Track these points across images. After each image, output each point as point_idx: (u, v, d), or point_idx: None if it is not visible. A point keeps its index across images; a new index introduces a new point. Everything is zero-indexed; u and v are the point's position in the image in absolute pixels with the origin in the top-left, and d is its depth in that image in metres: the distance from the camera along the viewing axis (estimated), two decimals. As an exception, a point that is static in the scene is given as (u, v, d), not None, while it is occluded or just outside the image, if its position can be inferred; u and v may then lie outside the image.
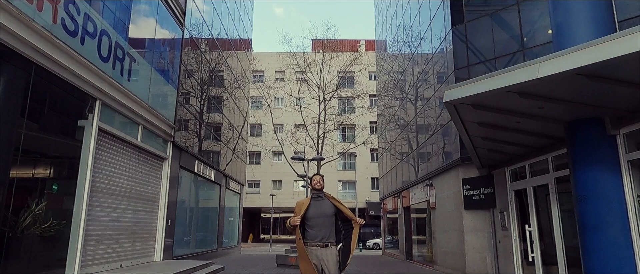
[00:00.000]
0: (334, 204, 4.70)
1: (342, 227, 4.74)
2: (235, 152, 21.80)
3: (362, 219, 4.76)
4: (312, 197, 4.75)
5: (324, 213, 4.61)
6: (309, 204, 4.69)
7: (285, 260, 13.27)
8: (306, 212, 4.62)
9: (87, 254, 8.37)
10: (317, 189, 4.74)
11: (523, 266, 8.83)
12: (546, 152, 7.66)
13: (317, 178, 4.77)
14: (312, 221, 4.61)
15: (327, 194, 4.82)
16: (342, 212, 4.72)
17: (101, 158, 8.93)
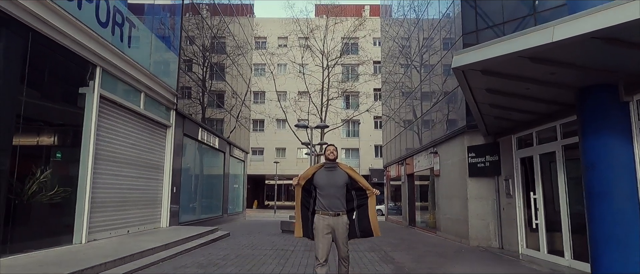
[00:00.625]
0: (347, 174, 4.76)
1: (356, 196, 4.82)
2: (239, 120, 21.74)
3: (377, 190, 4.84)
4: (325, 167, 4.79)
5: (335, 184, 4.66)
6: (317, 172, 4.77)
7: (289, 226, 13.43)
8: (318, 181, 4.71)
9: (94, 221, 8.46)
10: (331, 159, 4.77)
11: (526, 233, 8.87)
12: (555, 119, 7.52)
13: (330, 149, 4.80)
14: (324, 191, 4.67)
15: (342, 164, 4.86)
16: (357, 182, 4.78)
17: (104, 126, 8.88)
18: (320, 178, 4.71)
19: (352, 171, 4.82)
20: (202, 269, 6.49)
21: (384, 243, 10.72)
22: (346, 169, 4.81)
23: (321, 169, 4.78)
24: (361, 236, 4.82)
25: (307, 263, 7.28)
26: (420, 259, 7.87)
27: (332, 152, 4.78)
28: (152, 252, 7.53)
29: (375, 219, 4.80)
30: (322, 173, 4.73)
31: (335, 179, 4.68)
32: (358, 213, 4.84)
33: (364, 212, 4.82)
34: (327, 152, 4.81)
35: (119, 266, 6.22)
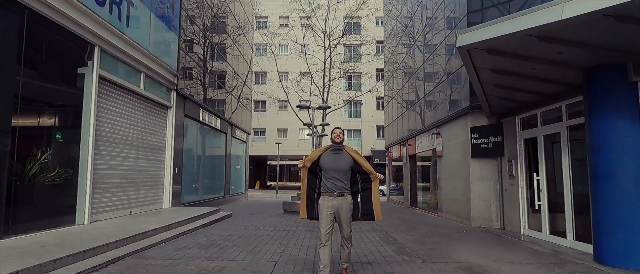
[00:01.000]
0: (352, 158, 4.81)
1: (360, 180, 4.92)
2: (240, 100, 21.61)
3: (381, 175, 4.92)
4: (331, 149, 4.85)
5: (340, 167, 4.73)
6: (323, 154, 4.84)
7: (292, 207, 13.48)
8: (323, 163, 4.78)
9: (96, 202, 8.48)
10: (337, 142, 4.81)
11: (528, 214, 8.86)
12: (560, 99, 7.40)
13: (337, 131, 4.85)
14: (329, 173, 4.74)
15: (348, 147, 4.90)
16: (362, 166, 4.85)
17: (104, 107, 8.80)
18: (326, 160, 4.77)
19: (357, 154, 4.88)
20: (204, 250, 6.51)
21: (385, 223, 10.74)
22: (351, 152, 4.86)
23: (327, 151, 4.85)
24: (363, 218, 4.93)
25: (309, 243, 7.30)
26: (422, 240, 7.88)
27: (338, 135, 4.82)
28: (154, 233, 7.55)
29: (378, 203, 4.90)
30: (328, 155, 4.80)
31: (341, 162, 4.74)
32: (362, 196, 4.95)
33: (367, 195, 4.93)
34: (333, 135, 4.85)
35: (120, 247, 6.24)
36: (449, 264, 5.69)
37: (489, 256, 6.40)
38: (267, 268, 5.32)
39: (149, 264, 5.47)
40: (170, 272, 5.04)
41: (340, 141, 4.82)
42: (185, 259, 5.79)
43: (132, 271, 5.07)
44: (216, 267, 5.34)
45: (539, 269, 5.46)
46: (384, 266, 5.55)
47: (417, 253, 6.50)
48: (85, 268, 4.93)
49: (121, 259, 5.67)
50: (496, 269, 5.41)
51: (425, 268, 5.47)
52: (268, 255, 6.21)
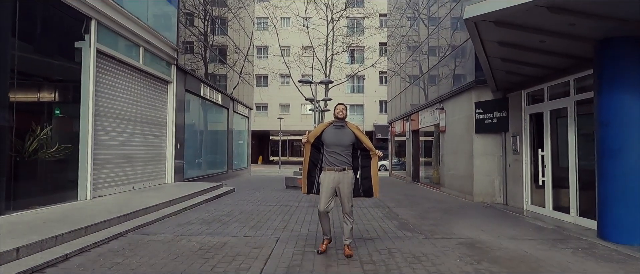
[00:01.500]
0: (354, 134, 4.86)
1: (360, 156, 4.98)
2: (242, 75, 21.38)
3: (381, 152, 4.98)
4: (333, 125, 4.89)
5: (342, 142, 4.79)
6: (326, 129, 4.89)
7: (294, 182, 13.50)
8: (326, 138, 4.84)
9: (98, 177, 8.46)
10: (340, 118, 4.86)
11: (532, 189, 8.80)
12: (569, 74, 7.22)
13: (340, 107, 4.88)
14: (331, 149, 4.81)
15: (350, 123, 4.95)
16: (363, 142, 4.89)
17: (103, 81, 8.68)
18: (328, 136, 4.83)
19: (359, 131, 4.92)
20: (206, 226, 6.51)
21: (387, 199, 10.74)
22: (353, 128, 4.90)
23: (330, 126, 4.90)
24: (363, 195, 5.02)
25: (312, 219, 7.29)
26: (424, 215, 7.86)
27: (341, 110, 4.86)
28: (156, 208, 7.56)
29: (376, 181, 4.97)
30: (331, 131, 4.85)
31: (343, 138, 4.80)
32: (361, 173, 5.01)
33: (366, 172, 4.99)
34: (336, 111, 4.88)
35: (123, 222, 6.24)
36: (452, 240, 5.67)
37: (491, 231, 6.37)
38: (269, 244, 5.31)
39: (151, 240, 5.47)
40: (172, 248, 5.04)
41: (343, 117, 4.86)
42: (187, 235, 5.79)
43: (134, 246, 5.07)
44: (218, 243, 5.33)
45: (542, 245, 5.43)
46: (386, 241, 5.54)
47: (419, 229, 6.48)
48: (87, 244, 4.92)
49: (123, 235, 5.68)
50: (498, 245, 5.39)
51: (428, 243, 5.45)
52: (270, 231, 6.20)
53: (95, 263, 4.35)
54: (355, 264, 4.44)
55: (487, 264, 4.48)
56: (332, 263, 4.49)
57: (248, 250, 4.98)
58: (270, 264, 4.38)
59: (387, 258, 4.70)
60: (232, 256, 4.71)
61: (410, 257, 4.73)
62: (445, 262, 4.53)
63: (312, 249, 5.05)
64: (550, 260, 4.68)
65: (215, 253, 4.81)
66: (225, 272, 4.10)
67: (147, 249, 4.97)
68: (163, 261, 4.46)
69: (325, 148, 4.85)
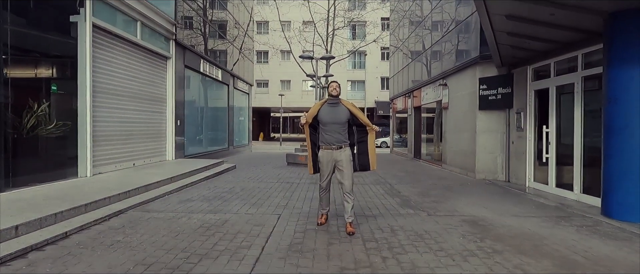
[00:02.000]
0: (349, 111, 4.89)
1: (356, 132, 5.03)
2: (242, 51, 21.08)
3: (377, 127, 5.03)
4: (328, 103, 4.91)
5: (338, 120, 4.83)
6: (321, 108, 4.91)
7: (295, 159, 13.46)
8: (321, 116, 4.87)
9: (98, 154, 8.41)
10: (333, 95, 4.88)
11: (535, 167, 8.73)
12: (576, 48, 7.04)
13: (333, 85, 4.91)
14: (328, 127, 4.85)
15: (344, 101, 4.98)
16: (358, 118, 4.93)
17: (100, 57, 8.51)
18: (323, 114, 4.87)
19: (354, 107, 4.95)
20: (207, 203, 6.47)
21: (388, 175, 10.71)
22: (348, 105, 4.93)
23: (324, 105, 4.93)
24: (360, 169, 5.06)
25: (313, 196, 7.26)
26: (426, 192, 7.83)
27: (335, 88, 4.89)
28: (158, 185, 7.52)
29: (373, 154, 5.04)
30: (326, 109, 4.89)
31: (338, 115, 4.84)
32: (358, 148, 5.07)
33: (363, 147, 5.05)
34: (330, 89, 4.91)
35: (123, 200, 6.20)
36: (454, 217, 5.63)
37: (494, 209, 6.33)
38: (270, 221, 5.28)
39: (151, 217, 5.44)
40: (173, 225, 5.00)
41: (337, 94, 4.89)
42: (188, 212, 5.75)
43: (135, 224, 5.04)
44: (219, 220, 5.30)
45: (546, 223, 5.39)
46: (388, 219, 5.50)
47: (421, 206, 6.44)
48: (87, 221, 4.88)
49: (124, 212, 5.64)
50: (501, 222, 5.35)
51: (430, 221, 5.41)
52: (271, 208, 6.17)
53: (96, 240, 4.31)
54: (357, 242, 4.40)
55: (490, 241, 4.44)
56: (334, 240, 4.45)
57: (249, 228, 4.94)
58: (272, 242, 4.35)
59: (390, 235, 4.66)
60: (234, 233, 4.68)
61: (412, 235, 4.70)
62: (448, 240, 4.49)
63: (313, 227, 5.01)
64: (553, 237, 4.63)
65: (217, 231, 4.78)
66: (226, 249, 4.07)
67: (148, 226, 4.94)
68: (164, 238, 4.43)
69: (321, 126, 4.89)
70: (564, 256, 3.98)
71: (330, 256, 3.89)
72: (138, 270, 3.45)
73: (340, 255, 3.92)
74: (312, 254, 3.96)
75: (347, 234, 4.67)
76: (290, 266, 3.62)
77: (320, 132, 4.91)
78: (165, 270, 3.46)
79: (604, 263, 3.79)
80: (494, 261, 3.78)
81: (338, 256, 3.88)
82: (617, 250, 4.19)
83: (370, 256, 3.89)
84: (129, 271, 3.44)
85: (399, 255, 3.94)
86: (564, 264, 3.72)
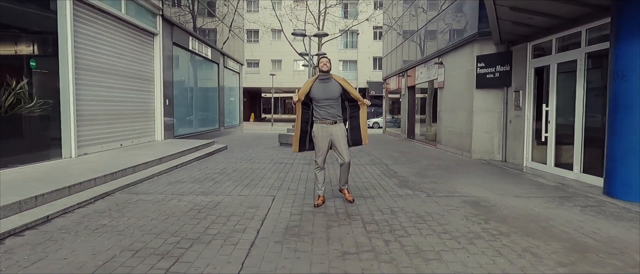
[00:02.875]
0: (341, 86, 4.90)
1: (348, 107, 5.05)
2: (232, 29, 20.51)
3: (368, 101, 4.99)
4: (319, 79, 4.91)
5: (331, 95, 4.85)
6: (313, 85, 4.90)
7: (288, 139, 13.19)
8: (314, 93, 4.87)
9: (82, 134, 8.06)
10: (324, 71, 4.87)
11: (533, 146, 8.59)
12: (581, 23, 6.80)
13: (323, 60, 4.89)
14: (321, 103, 4.87)
15: (335, 76, 4.98)
16: (350, 93, 4.95)
17: (83, 32, 8.08)
18: (316, 90, 4.87)
19: (345, 82, 4.96)
20: (198, 184, 6.22)
21: (384, 156, 10.52)
22: (339, 80, 4.94)
23: (316, 81, 4.92)
24: (352, 144, 5.08)
25: (307, 176, 7.04)
26: (423, 173, 7.65)
27: (325, 63, 4.87)
28: (146, 166, 7.24)
29: (365, 129, 5.09)
30: (318, 85, 4.88)
31: (331, 90, 4.85)
32: (350, 123, 5.10)
33: (355, 122, 5.08)
34: (320, 64, 4.89)
35: (109, 181, 5.92)
36: (455, 198, 5.46)
37: (494, 189, 6.18)
38: (265, 203, 5.05)
39: (139, 199, 5.18)
40: (163, 208, 4.75)
41: (328, 70, 4.87)
42: (178, 194, 5.50)
43: (121, 207, 4.78)
44: (211, 202, 5.06)
45: (549, 203, 5.24)
46: (387, 200, 5.31)
47: (420, 187, 6.26)
48: (70, 205, 4.61)
49: (110, 195, 5.37)
50: (504, 203, 5.19)
51: (430, 202, 5.23)
52: (265, 189, 5.94)
53: (79, 225, 4.05)
54: (357, 224, 4.20)
55: (495, 223, 4.27)
56: (333, 222, 4.25)
57: (243, 210, 4.71)
58: (268, 225, 4.13)
59: (390, 217, 4.47)
60: (227, 216, 4.45)
61: (414, 216, 4.51)
62: (451, 221, 4.31)
63: (310, 209, 4.80)
64: (559, 218, 4.48)
65: (208, 213, 4.54)
66: (219, 233, 3.84)
67: (136, 209, 4.68)
68: (153, 222, 4.18)
69: (315, 103, 4.89)
70: (573, 238, 3.82)
71: (330, 240, 3.68)
72: (125, 256, 3.21)
73: (340, 239, 3.72)
74: (310, 237, 3.75)
75: (349, 202, 5.00)
76: (288, 250, 3.41)
77: (315, 109, 4.92)
78: (154, 256, 3.23)
79: (616, 245, 3.64)
80: (501, 244, 3.61)
81: (338, 240, 3.68)
82: (626, 231, 4.05)
83: (372, 240, 3.70)
84: (115, 257, 3.19)
85: (401, 238, 3.75)
86: (574, 247, 3.56)
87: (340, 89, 4.86)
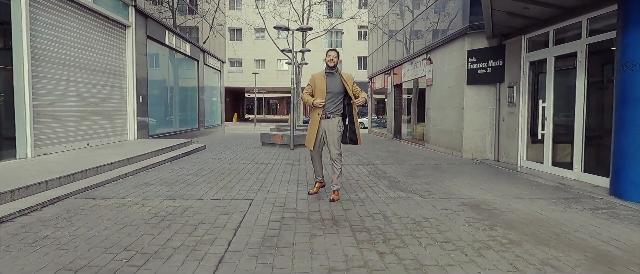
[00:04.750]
0: (343, 83, 4.83)
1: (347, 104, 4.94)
2: (214, 26, 19.76)
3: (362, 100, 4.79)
4: (325, 73, 4.89)
5: (331, 90, 4.83)
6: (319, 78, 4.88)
7: (270, 139, 12.59)
8: (317, 86, 4.84)
9: (42, 132, 7.32)
10: (330, 66, 4.84)
11: (528, 145, 8.18)
12: (581, 13, 6.39)
13: (330, 55, 4.84)
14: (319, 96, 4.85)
15: (342, 72, 4.90)
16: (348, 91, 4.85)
17: (42, 20, 7.34)
18: (319, 83, 4.86)
19: (349, 79, 4.88)
20: (167, 187, 5.58)
21: (371, 155, 10.01)
22: (344, 76, 4.87)
23: (321, 75, 4.91)
24: (349, 142, 5.00)
25: (290, 178, 6.47)
26: (413, 173, 7.15)
27: (331, 58, 4.82)
28: (111, 167, 6.55)
29: (357, 129, 4.95)
30: (323, 79, 4.87)
31: (332, 86, 4.83)
32: (349, 120, 4.98)
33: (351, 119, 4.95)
34: (327, 59, 4.86)
35: (65, 184, 5.23)
36: (452, 201, 4.94)
37: (492, 190, 5.70)
38: (240, 208, 4.45)
39: (96, 205, 4.52)
40: (121, 215, 4.11)
41: (333, 65, 4.83)
42: (142, 198, 4.85)
43: (73, 214, 4.12)
44: (178, 208, 4.43)
45: (554, 205, 4.77)
46: (378, 204, 4.76)
47: (412, 188, 5.74)
48: (10, 212, 3.93)
49: (63, 200, 4.70)
50: (506, 206, 4.70)
51: (426, 205, 4.71)
52: (242, 192, 5.34)
53: (14, 237, 3.39)
54: (345, 232, 3.64)
55: (502, 229, 3.76)
56: (317, 230, 3.67)
57: (214, 216, 4.11)
58: (241, 235, 3.53)
59: (383, 224, 3.92)
60: (194, 224, 3.83)
61: (410, 222, 3.97)
62: (452, 228, 3.79)
63: (292, 214, 4.22)
64: (571, 223, 4.00)
65: (173, 221, 3.92)
66: (183, 246, 3.23)
67: (89, 216, 4.03)
68: (105, 232, 3.54)
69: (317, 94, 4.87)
70: (593, 246, 3.33)
71: (314, 252, 3.11)
72: (59, 279, 2.58)
73: (326, 251, 3.15)
74: (290, 250, 3.17)
75: (329, 201, 4.78)
76: (263, 267, 2.83)
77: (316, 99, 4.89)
78: (96, 278, 2.61)
79: (643, 254, 3.16)
80: (514, 255, 3.09)
81: (324, 253, 3.11)
82: (648, 237, 3.59)
83: (364, 252, 3.14)
84: (46, 280, 2.56)
85: (398, 249, 3.20)
86: (597, 258, 3.07)
87: (342, 86, 4.83)
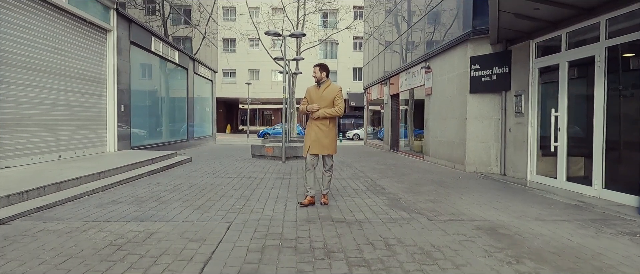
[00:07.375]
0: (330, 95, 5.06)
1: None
2: (206, 36, 19.16)
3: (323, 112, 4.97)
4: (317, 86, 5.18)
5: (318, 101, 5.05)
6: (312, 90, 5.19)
7: (261, 151, 11.90)
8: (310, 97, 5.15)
9: (6, 144, 6.61)
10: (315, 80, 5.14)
11: (537, 157, 7.55)
12: (599, 13, 5.82)
13: (314, 69, 5.11)
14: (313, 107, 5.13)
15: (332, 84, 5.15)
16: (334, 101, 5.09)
17: (8, 21, 6.68)
18: (311, 95, 5.15)
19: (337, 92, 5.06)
20: (136, 206, 4.86)
21: (367, 168, 9.34)
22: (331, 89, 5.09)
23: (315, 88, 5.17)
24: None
25: (279, 194, 5.78)
26: (415, 189, 6.48)
27: (314, 73, 5.10)
28: (77, 183, 5.82)
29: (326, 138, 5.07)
30: (314, 91, 5.15)
31: (321, 96, 5.06)
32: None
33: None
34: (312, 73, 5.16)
35: (15, 203, 4.51)
36: (464, 223, 4.27)
37: (506, 209, 5.03)
38: (214, 234, 3.75)
39: (44, 229, 3.80)
40: (69, 243, 3.40)
41: (317, 80, 5.11)
42: (102, 221, 4.14)
43: (10, 242, 3.41)
44: (141, 233, 3.72)
45: (584, 229, 4.11)
46: (378, 227, 4.07)
47: (416, 207, 5.07)
48: None
49: (5, 223, 3.97)
50: (528, 230, 4.03)
51: (434, 229, 4.03)
52: (222, 212, 4.64)
53: None
54: (339, 267, 2.95)
55: (532, 263, 3.08)
56: (305, 264, 2.98)
57: (182, 245, 3.40)
58: (211, 271, 2.83)
59: (386, 254, 3.23)
60: (155, 255, 3.13)
61: (418, 252, 3.28)
62: (471, 260, 3.11)
63: (276, 242, 3.52)
64: (612, 254, 3.33)
65: (131, 252, 3.21)
66: (134, 287, 2.53)
67: (29, 246, 3.32)
68: (41, 267, 2.83)
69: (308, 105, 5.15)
70: (651, 287, 2.66)
71: (300, 298, 2.42)
72: None
73: (315, 296, 2.46)
74: (270, 293, 2.47)
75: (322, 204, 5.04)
76: (232, 321, 2.12)
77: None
78: None
79: None
80: (556, 301, 2.41)
81: (312, 298, 2.42)
82: None
83: (363, 296, 2.45)
84: None
85: (407, 292, 2.51)
86: (663, 305, 2.40)
87: (331, 98, 5.03)
